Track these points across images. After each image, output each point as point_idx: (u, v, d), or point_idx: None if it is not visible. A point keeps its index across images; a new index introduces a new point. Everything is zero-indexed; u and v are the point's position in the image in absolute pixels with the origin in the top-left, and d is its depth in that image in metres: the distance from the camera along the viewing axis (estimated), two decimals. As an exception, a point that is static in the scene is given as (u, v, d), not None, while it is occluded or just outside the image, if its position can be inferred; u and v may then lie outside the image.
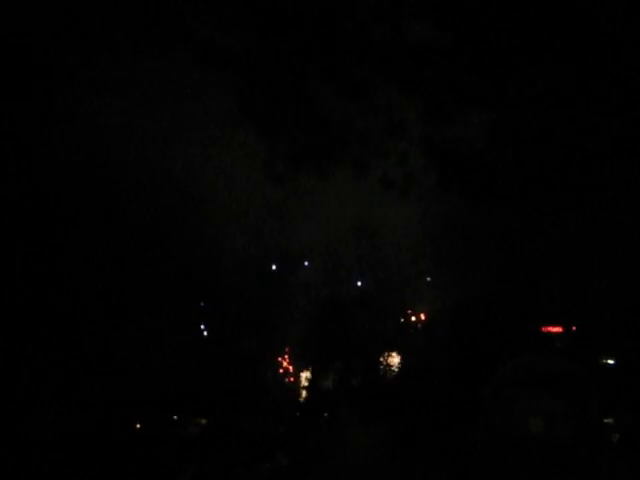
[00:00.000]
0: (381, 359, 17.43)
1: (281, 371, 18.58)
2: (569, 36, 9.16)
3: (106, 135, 12.09)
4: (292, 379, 18.56)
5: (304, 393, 17.74)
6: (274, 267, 16.95)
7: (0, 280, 10.80)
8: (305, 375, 18.00)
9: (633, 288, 11.55)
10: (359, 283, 17.92)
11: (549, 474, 1.67)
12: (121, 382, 12.26)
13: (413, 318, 17.81)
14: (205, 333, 15.81)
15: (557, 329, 13.74)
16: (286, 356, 18.53)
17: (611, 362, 13.31)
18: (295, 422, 14.61)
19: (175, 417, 13.81)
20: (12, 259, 11.05)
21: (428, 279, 16.80)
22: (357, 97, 10.85)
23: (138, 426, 12.69)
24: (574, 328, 13.73)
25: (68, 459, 8.90)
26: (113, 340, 12.52)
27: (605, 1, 9.04)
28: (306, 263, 17.63)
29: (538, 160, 10.35)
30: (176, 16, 10.84)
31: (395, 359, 17.26)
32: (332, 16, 10.18)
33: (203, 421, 13.68)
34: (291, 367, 18.67)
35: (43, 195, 11.35)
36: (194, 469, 9.30)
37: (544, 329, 13.78)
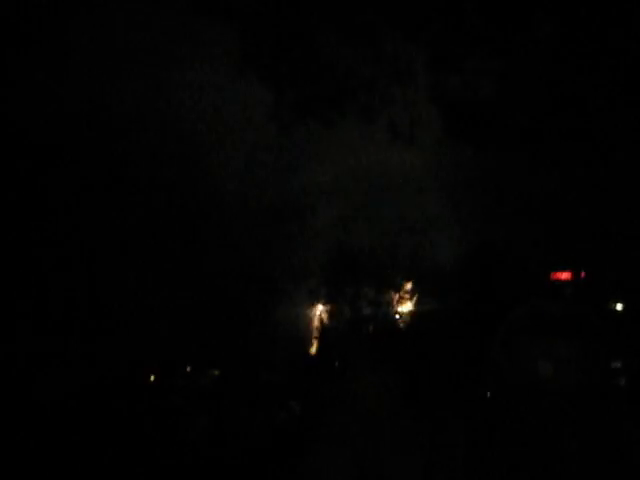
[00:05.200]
0: (392, 306, 17.53)
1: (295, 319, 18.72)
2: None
3: (101, 79, 11.88)
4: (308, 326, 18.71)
5: (315, 341, 17.89)
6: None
7: None
8: (316, 320, 18.14)
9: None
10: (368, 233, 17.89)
11: (558, 419, 1.69)
12: (132, 333, 12.36)
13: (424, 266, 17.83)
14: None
15: (566, 275, 13.72)
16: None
17: (619, 307, 13.35)
18: (306, 371, 14.76)
19: (188, 369, 13.97)
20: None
21: (437, 228, 16.76)
22: (362, 44, 10.68)
23: (152, 378, 12.84)
24: (582, 274, 13.73)
25: (80, 414, 8.97)
26: (121, 288, 12.54)
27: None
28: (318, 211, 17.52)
29: (547, 107, 10.22)
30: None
31: (407, 307, 17.35)
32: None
33: (216, 372, 13.80)
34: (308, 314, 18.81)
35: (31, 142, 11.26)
36: (207, 419, 9.43)
37: (553, 275, 13.77)
